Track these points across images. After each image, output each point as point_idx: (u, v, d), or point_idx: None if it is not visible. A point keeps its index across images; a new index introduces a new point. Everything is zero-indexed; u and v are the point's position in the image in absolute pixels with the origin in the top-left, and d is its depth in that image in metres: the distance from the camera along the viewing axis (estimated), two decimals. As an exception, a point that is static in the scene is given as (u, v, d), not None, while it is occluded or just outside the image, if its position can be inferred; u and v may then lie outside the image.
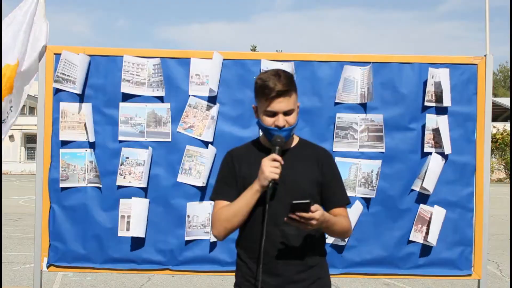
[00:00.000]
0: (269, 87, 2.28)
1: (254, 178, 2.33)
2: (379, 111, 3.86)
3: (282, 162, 2.27)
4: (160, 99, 3.81)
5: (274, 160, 2.28)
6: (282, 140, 2.31)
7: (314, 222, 2.14)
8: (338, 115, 3.79)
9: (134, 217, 3.76)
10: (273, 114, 2.33)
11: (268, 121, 2.34)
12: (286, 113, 2.33)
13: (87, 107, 3.80)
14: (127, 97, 3.80)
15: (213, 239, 3.81)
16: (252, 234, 2.40)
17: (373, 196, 3.85)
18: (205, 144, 3.81)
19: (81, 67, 3.76)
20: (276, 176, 2.25)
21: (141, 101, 3.80)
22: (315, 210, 2.13)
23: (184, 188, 3.82)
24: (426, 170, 3.80)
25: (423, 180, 3.81)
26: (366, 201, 3.86)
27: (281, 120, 2.31)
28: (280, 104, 2.30)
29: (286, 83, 2.31)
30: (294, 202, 2.06)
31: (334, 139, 3.82)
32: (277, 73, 2.34)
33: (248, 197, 2.31)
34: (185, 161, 3.80)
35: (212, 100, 3.83)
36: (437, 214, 3.85)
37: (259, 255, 2.31)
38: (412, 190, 3.85)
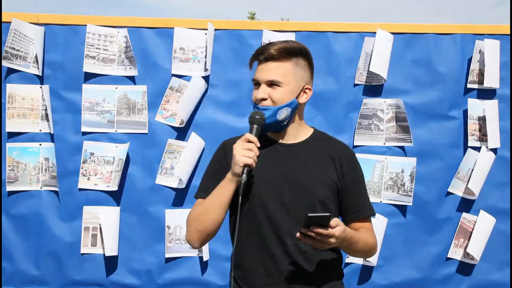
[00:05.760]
0: (259, 49, 2.02)
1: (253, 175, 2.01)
2: (410, 95, 3.26)
3: (258, 144, 1.96)
4: (134, 80, 3.23)
5: (249, 141, 1.96)
6: (261, 117, 1.98)
7: (333, 240, 1.85)
8: (365, 100, 3.23)
9: (102, 229, 3.16)
10: (257, 84, 2.03)
11: (253, 94, 2.04)
12: (272, 85, 1.99)
13: (43, 90, 3.18)
14: (92, 78, 3.21)
15: (202, 256, 3.20)
16: (246, 249, 2.03)
17: (405, 203, 3.24)
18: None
19: (35, 40, 3.16)
20: (250, 161, 1.92)
21: (110, 83, 3.21)
22: (335, 226, 1.84)
23: (163, 192, 3.22)
24: (472, 169, 3.18)
25: (468, 181, 3.18)
26: (394, 210, 3.25)
27: (260, 91, 1.99)
28: (262, 72, 2.00)
29: (282, 48, 1.99)
30: (310, 215, 1.79)
31: (355, 130, 3.24)
32: (286, 40, 2.06)
33: (220, 189, 2.00)
34: (165, 158, 3.20)
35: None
36: (484, 222, 3.22)
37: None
38: (450, 193, 3.24)
